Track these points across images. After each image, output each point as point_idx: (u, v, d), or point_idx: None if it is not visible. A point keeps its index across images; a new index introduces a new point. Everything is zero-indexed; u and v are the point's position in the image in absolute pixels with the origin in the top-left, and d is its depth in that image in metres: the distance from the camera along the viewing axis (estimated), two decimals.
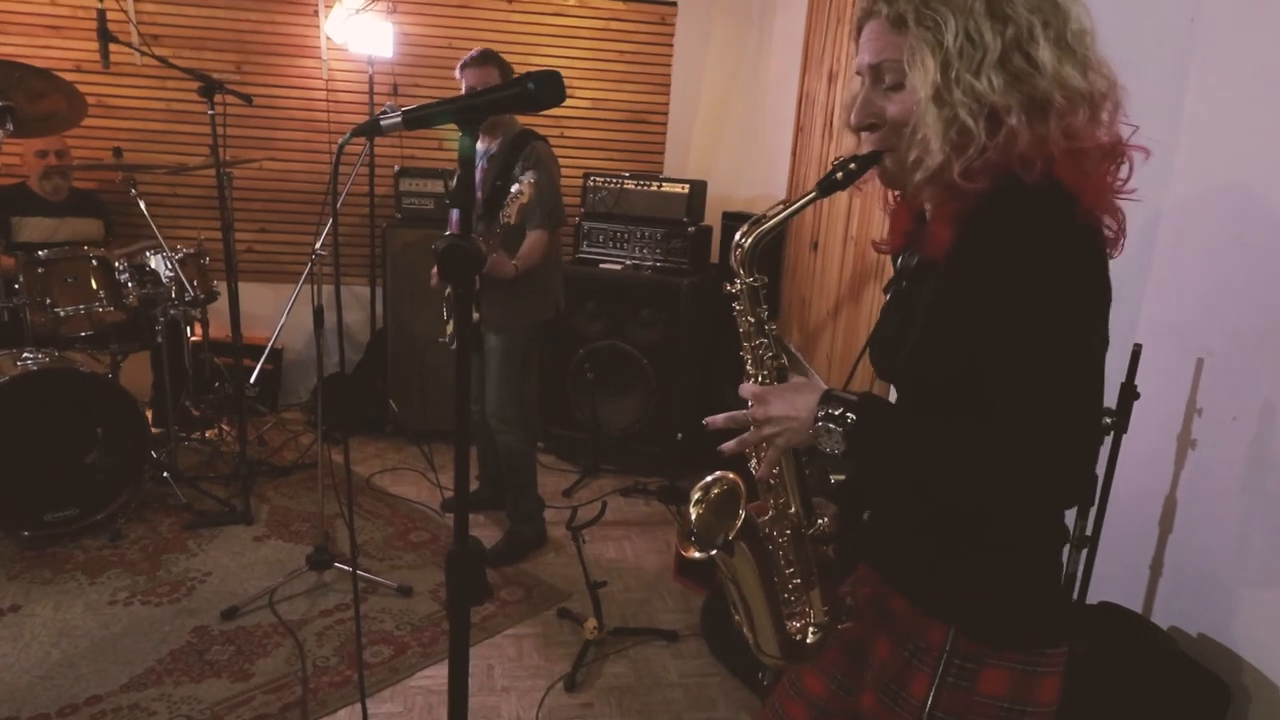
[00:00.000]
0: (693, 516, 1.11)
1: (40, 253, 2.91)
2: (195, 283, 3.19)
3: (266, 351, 2.88)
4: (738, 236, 1.04)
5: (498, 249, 2.59)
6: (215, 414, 3.72)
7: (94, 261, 3.00)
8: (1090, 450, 0.85)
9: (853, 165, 0.97)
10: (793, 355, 3.53)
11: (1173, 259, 1.74)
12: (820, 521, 1.06)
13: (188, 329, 3.62)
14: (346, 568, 2.70)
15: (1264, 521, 1.49)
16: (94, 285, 2.99)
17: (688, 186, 3.68)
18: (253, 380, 2.86)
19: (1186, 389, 1.66)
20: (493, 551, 2.91)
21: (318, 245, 2.56)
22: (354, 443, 3.87)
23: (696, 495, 1.13)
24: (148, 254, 3.16)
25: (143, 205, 3.09)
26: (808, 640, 1.10)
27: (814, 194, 0.98)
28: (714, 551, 1.03)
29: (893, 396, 1.31)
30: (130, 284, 3.04)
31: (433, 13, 3.99)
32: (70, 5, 3.67)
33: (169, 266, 3.13)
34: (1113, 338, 0.89)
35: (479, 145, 2.82)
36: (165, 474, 3.14)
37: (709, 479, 1.13)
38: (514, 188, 2.48)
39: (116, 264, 3.03)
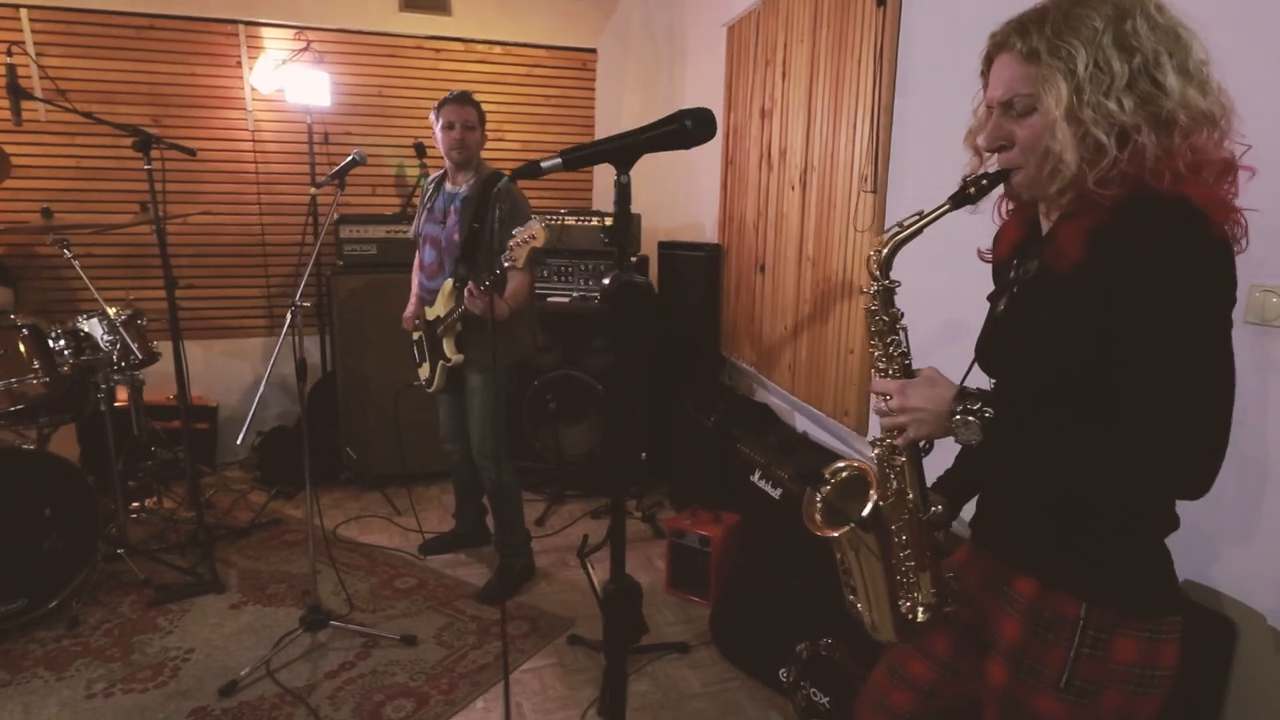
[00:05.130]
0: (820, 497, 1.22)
1: None
2: (137, 345, 3.02)
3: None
4: (877, 243, 1.13)
5: (491, 291, 2.57)
6: (152, 481, 3.50)
7: (24, 330, 2.79)
8: (1223, 446, 0.93)
9: (984, 181, 1.08)
10: (749, 372, 3.74)
11: None
12: (935, 509, 1.19)
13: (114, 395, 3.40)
14: (343, 625, 2.64)
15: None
16: (25, 356, 2.77)
17: None
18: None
19: None
20: (487, 589, 2.92)
21: (297, 297, 2.51)
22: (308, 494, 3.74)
23: (827, 476, 1.24)
24: (79, 319, 2.96)
25: (78, 265, 2.90)
26: (918, 619, 1.21)
27: (946, 206, 1.10)
28: (847, 528, 1.15)
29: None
30: (66, 352, 2.84)
31: (361, 62, 3.98)
32: None
33: (106, 330, 2.95)
34: None
35: (448, 187, 2.84)
36: (119, 550, 2.94)
37: (839, 465, 1.25)
38: (520, 232, 2.47)
39: (50, 331, 2.83)
